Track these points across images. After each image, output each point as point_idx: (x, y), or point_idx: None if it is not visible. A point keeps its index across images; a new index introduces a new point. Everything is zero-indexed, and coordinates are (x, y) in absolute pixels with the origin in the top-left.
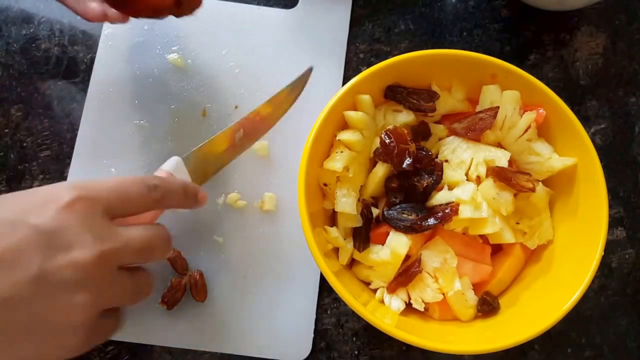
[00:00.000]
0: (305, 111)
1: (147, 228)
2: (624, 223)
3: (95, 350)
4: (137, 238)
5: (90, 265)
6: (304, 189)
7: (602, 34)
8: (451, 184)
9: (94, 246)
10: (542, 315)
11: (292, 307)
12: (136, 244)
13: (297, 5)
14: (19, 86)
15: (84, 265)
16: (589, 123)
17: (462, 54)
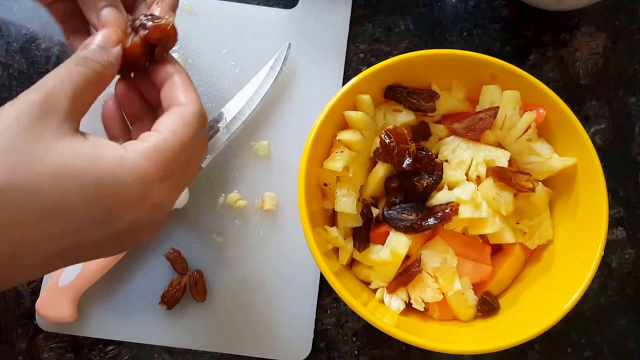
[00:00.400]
0: (305, 111)
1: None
2: (623, 223)
3: (95, 350)
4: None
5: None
6: (304, 188)
7: (602, 34)
8: (451, 183)
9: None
10: (542, 315)
11: (292, 307)
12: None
13: (297, 5)
14: (19, 86)
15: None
16: (589, 123)
17: (462, 54)
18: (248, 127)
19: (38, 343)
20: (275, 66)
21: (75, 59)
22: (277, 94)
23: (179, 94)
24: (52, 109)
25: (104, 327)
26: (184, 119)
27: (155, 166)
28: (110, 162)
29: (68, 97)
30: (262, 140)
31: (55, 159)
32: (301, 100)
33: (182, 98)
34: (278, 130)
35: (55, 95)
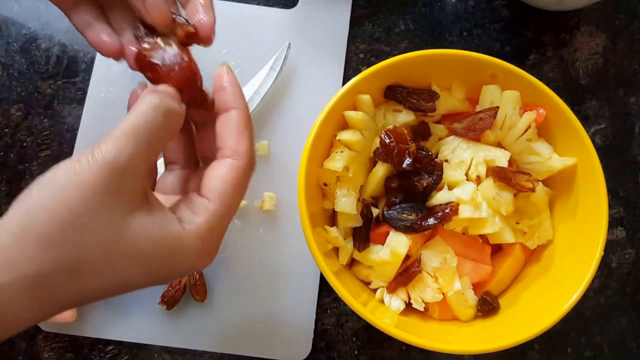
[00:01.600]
0: (305, 111)
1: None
2: (623, 223)
3: (95, 350)
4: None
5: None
6: (304, 188)
7: (602, 34)
8: (451, 183)
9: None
10: (542, 315)
11: (292, 307)
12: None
13: (297, 5)
14: (19, 86)
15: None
16: (589, 123)
17: (462, 53)
18: None
19: (38, 343)
20: (275, 66)
21: (149, 104)
22: (277, 94)
23: (232, 141)
24: (130, 180)
25: (103, 327)
26: (233, 181)
27: (206, 243)
28: (172, 244)
29: (144, 159)
30: (262, 140)
31: (127, 242)
32: (301, 100)
33: (235, 146)
34: (278, 130)
35: (133, 158)
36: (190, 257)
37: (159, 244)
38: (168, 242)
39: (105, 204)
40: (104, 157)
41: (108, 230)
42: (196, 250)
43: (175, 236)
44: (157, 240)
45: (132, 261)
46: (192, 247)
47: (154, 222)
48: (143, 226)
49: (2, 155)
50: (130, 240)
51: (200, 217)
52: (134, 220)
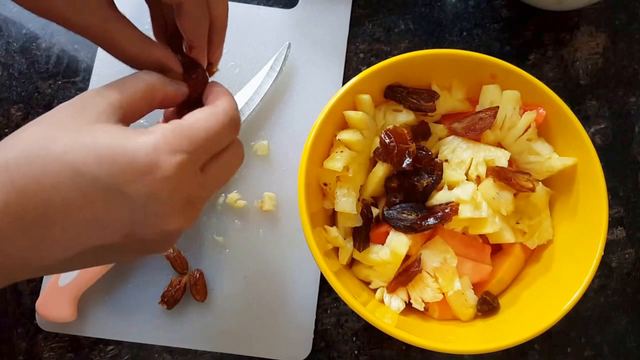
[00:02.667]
0: (305, 111)
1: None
2: (623, 223)
3: (95, 350)
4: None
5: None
6: (304, 188)
7: (602, 34)
8: (451, 183)
9: (185, 212)
10: (542, 315)
11: (292, 307)
12: (225, 180)
13: (297, 5)
14: (19, 86)
15: (176, 231)
16: (589, 123)
17: (462, 53)
18: (248, 127)
19: (38, 343)
20: (275, 66)
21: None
22: (277, 93)
23: (215, 96)
24: (98, 100)
25: (104, 326)
26: (212, 112)
27: (165, 139)
28: (130, 138)
29: (117, 94)
30: (262, 140)
31: (83, 134)
32: (301, 100)
33: (217, 99)
34: (278, 130)
35: (106, 90)
36: (143, 148)
37: (114, 139)
38: (125, 138)
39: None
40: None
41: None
42: (151, 143)
43: (135, 134)
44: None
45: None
46: (148, 139)
47: (121, 129)
48: (107, 128)
49: None
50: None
51: (169, 125)
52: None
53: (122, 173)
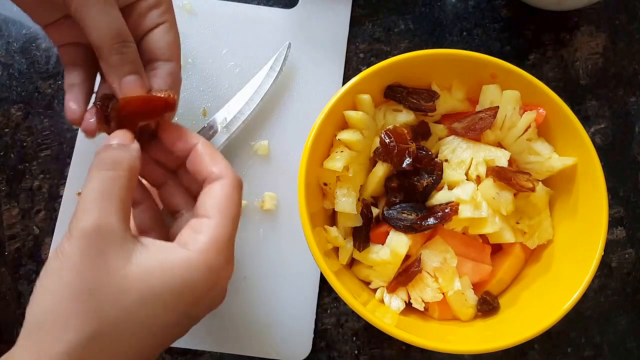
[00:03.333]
0: (306, 111)
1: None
2: (623, 223)
3: None
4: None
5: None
6: (304, 188)
7: (602, 34)
8: (451, 183)
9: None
10: (542, 315)
11: (292, 307)
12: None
13: (297, 5)
14: (19, 86)
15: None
16: (589, 123)
17: (462, 53)
18: (248, 127)
19: None
20: (275, 66)
21: (102, 164)
22: (277, 93)
23: (211, 167)
24: (109, 235)
25: None
26: (227, 195)
27: (218, 257)
28: (181, 270)
29: (115, 212)
30: (262, 140)
31: (135, 289)
32: (301, 100)
33: (215, 171)
34: (278, 130)
35: (106, 218)
36: (204, 276)
37: (165, 275)
38: (174, 268)
39: (96, 264)
40: (77, 229)
41: (109, 284)
42: (209, 267)
43: (180, 260)
44: (162, 271)
45: (148, 302)
46: (203, 263)
47: (152, 257)
48: (143, 265)
49: (2, 155)
50: (135, 285)
51: (204, 234)
52: (132, 264)
53: (189, 306)
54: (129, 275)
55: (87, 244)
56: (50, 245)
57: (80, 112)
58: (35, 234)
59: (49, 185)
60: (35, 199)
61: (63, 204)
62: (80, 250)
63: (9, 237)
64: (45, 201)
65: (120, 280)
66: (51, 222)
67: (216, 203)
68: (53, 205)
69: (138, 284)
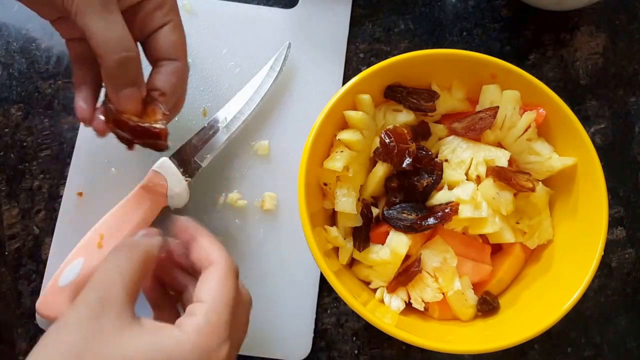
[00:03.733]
0: (306, 111)
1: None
2: (623, 223)
3: None
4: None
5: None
6: (304, 188)
7: (602, 34)
8: (451, 183)
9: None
10: (542, 314)
11: (292, 307)
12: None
13: (297, 5)
14: (19, 85)
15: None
16: (589, 123)
17: (462, 53)
18: (248, 127)
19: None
20: (275, 66)
21: (121, 246)
22: (277, 93)
23: (207, 254)
24: (110, 304)
25: None
26: (220, 280)
27: (210, 338)
28: (170, 348)
29: (122, 289)
30: (262, 140)
31: (119, 356)
32: (301, 100)
33: (210, 257)
34: (278, 130)
35: (110, 288)
36: (194, 354)
37: (156, 354)
38: (166, 351)
39: (90, 327)
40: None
41: (98, 350)
42: (199, 348)
43: (171, 338)
44: (153, 350)
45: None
46: (192, 344)
47: (146, 333)
48: (132, 338)
49: (2, 155)
50: (121, 353)
51: (196, 317)
52: (123, 335)
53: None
54: (118, 344)
55: (86, 309)
56: (50, 246)
57: (90, 111)
58: (35, 234)
59: (49, 185)
60: (35, 199)
61: (63, 204)
62: (79, 314)
63: (9, 237)
64: (45, 201)
65: (109, 347)
66: (51, 222)
67: (209, 288)
68: (53, 205)
69: (125, 354)
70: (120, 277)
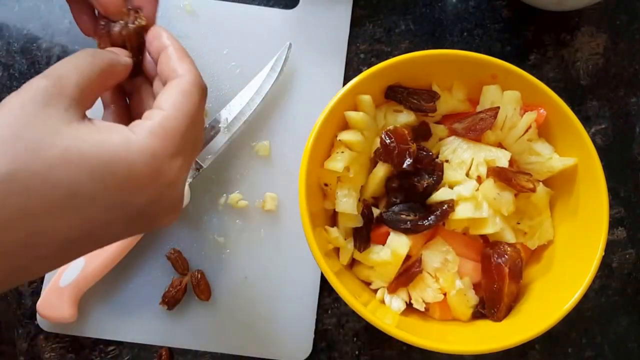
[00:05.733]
0: (306, 111)
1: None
2: (624, 223)
3: (96, 351)
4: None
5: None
6: (304, 189)
7: (603, 34)
8: (452, 184)
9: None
10: (542, 315)
11: (292, 308)
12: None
13: (297, 5)
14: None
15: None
16: (590, 123)
17: (463, 54)
18: (249, 128)
19: (39, 343)
20: (276, 66)
21: (86, 50)
22: (278, 94)
23: (175, 66)
24: (58, 94)
25: (105, 327)
26: (184, 91)
27: (162, 143)
28: (117, 144)
29: (76, 84)
30: (263, 141)
31: (62, 144)
32: (302, 101)
33: (178, 70)
34: (279, 131)
35: (62, 81)
36: (143, 159)
37: (101, 147)
38: (112, 145)
39: (32, 114)
40: (30, 83)
41: (38, 135)
42: (151, 150)
43: (121, 137)
44: (98, 142)
45: (72, 164)
46: (144, 145)
47: (94, 128)
48: (79, 130)
49: None
50: (65, 142)
51: (151, 120)
52: (69, 127)
53: (122, 187)
54: (63, 133)
55: (32, 95)
56: None
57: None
58: None
59: None
60: None
61: None
62: (22, 99)
63: None
64: None
65: (52, 135)
66: None
67: (170, 97)
68: None
69: (68, 143)
70: (76, 73)
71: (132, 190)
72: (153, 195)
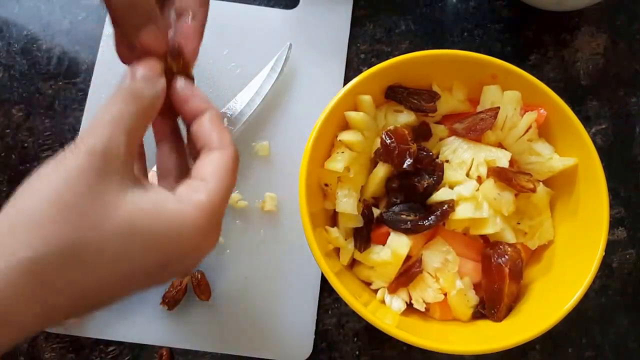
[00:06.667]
0: (306, 111)
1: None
2: (624, 223)
3: (97, 351)
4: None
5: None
6: (304, 189)
7: (603, 34)
8: (452, 184)
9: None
10: (542, 315)
11: (292, 308)
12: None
13: (298, 5)
14: (20, 87)
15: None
16: (590, 123)
17: (463, 54)
18: (249, 128)
19: (39, 343)
20: (276, 67)
21: (124, 94)
22: (278, 94)
23: (215, 136)
24: (113, 161)
25: (105, 327)
26: (226, 166)
27: (208, 220)
28: (171, 217)
29: (124, 144)
30: (263, 141)
31: (121, 219)
32: (302, 101)
33: (222, 141)
34: (279, 131)
35: (113, 143)
36: (192, 233)
37: (155, 218)
38: (166, 216)
39: (92, 184)
40: (85, 144)
41: (98, 208)
42: (199, 227)
43: (174, 210)
44: (153, 214)
45: (128, 238)
46: (194, 222)
47: (149, 199)
48: (137, 202)
49: (3, 156)
50: (122, 216)
51: (200, 194)
52: (126, 199)
53: (170, 259)
54: (119, 205)
55: (90, 162)
56: None
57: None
58: None
59: None
60: None
61: None
62: (81, 165)
63: None
64: None
65: (109, 207)
66: None
67: (215, 170)
68: None
69: (125, 217)
70: (125, 133)
71: (175, 260)
72: (188, 265)
